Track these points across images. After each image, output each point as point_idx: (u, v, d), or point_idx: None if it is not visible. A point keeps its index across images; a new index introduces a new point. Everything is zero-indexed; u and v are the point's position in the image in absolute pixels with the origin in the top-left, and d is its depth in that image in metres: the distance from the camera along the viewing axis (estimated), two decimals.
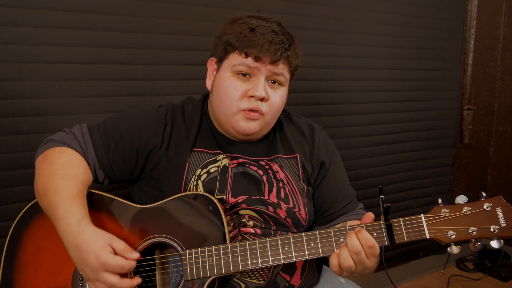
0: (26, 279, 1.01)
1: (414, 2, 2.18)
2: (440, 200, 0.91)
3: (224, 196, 1.07)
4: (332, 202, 1.17)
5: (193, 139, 1.11)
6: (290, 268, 1.10)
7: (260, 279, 1.06)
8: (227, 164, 1.10)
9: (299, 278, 1.12)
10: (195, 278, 0.96)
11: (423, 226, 0.89)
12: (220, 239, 0.97)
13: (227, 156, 1.11)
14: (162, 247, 1.04)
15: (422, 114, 2.32)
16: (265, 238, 0.96)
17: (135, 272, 0.99)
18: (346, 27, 1.98)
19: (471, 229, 0.87)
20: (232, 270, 0.95)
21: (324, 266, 1.26)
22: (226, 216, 0.99)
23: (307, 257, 0.93)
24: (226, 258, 0.95)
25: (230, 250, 0.95)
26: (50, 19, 1.34)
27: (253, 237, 1.06)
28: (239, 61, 1.03)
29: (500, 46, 2.61)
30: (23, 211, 1.04)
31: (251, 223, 1.07)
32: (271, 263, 0.94)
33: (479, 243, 0.89)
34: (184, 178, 1.07)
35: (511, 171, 2.65)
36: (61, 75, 1.37)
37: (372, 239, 0.88)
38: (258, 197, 1.09)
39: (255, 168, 1.12)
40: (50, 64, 1.36)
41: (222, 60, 1.08)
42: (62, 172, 0.99)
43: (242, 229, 1.07)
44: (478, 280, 2.47)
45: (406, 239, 0.90)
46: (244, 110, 1.04)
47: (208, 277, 0.95)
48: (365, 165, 2.13)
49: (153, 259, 1.02)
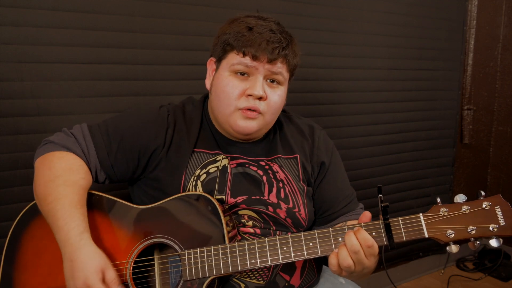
0: (26, 279, 1.01)
1: (414, 2, 2.18)
2: (438, 199, 0.91)
3: (223, 197, 1.07)
4: (332, 202, 1.17)
5: (194, 140, 1.11)
6: (289, 268, 1.09)
7: (259, 279, 1.06)
8: (226, 165, 1.10)
9: (298, 278, 1.12)
10: (194, 278, 0.96)
11: (421, 225, 0.89)
12: (219, 239, 0.97)
13: (226, 157, 1.11)
14: (161, 247, 1.04)
15: (422, 114, 2.32)
16: (264, 238, 0.96)
17: (134, 273, 1.00)
18: (346, 27, 1.98)
19: (470, 228, 0.87)
20: (231, 270, 0.95)
21: (324, 266, 1.26)
22: (225, 216, 0.99)
23: (306, 256, 0.93)
24: (225, 258, 0.95)
25: (229, 250, 0.95)
26: (50, 19, 1.34)
27: (252, 237, 1.06)
28: (237, 60, 1.03)
29: (500, 46, 2.61)
30: (23, 211, 1.05)
31: (250, 223, 1.07)
32: (270, 263, 0.94)
33: (478, 242, 0.88)
34: (183, 178, 1.07)
35: (511, 171, 2.64)
36: (61, 75, 1.38)
37: (371, 239, 0.88)
38: (258, 197, 1.09)
39: (255, 168, 1.12)
40: (50, 64, 1.36)
41: (220, 60, 1.08)
42: (63, 178, 0.99)
43: (242, 229, 1.07)
44: (478, 280, 2.47)
45: (405, 238, 0.90)
46: (242, 109, 1.04)
47: (207, 277, 0.95)
48: (365, 165, 2.13)
49: (152, 260, 1.02)
